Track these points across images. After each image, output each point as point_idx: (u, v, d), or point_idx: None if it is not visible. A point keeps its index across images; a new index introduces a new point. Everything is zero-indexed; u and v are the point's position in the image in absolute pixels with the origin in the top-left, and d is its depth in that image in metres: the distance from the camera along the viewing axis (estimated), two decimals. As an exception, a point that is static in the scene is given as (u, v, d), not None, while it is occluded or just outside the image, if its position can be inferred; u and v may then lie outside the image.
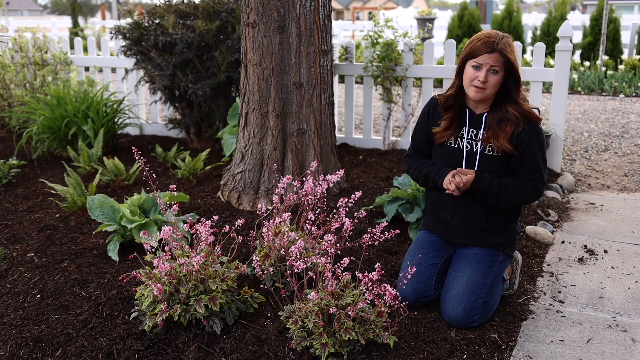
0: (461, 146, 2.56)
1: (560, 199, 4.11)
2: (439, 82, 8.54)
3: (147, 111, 6.09)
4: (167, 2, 4.84)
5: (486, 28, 13.56)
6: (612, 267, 3.09)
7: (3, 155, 5.02)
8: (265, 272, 2.64)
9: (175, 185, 2.62)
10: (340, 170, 2.91)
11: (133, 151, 2.73)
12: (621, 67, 9.38)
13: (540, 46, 4.53)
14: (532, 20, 15.00)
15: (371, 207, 3.61)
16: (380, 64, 4.84)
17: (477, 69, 2.41)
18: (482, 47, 2.39)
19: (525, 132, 2.46)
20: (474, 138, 2.54)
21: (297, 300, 2.33)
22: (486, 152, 2.52)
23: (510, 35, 2.45)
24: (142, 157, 2.71)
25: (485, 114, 2.52)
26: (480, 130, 2.53)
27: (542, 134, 2.51)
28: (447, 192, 2.50)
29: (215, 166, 4.51)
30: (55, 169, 4.67)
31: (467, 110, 2.56)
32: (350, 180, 4.26)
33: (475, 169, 2.52)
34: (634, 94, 8.50)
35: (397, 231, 2.61)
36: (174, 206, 2.54)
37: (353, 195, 2.72)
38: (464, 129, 2.56)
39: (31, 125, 4.86)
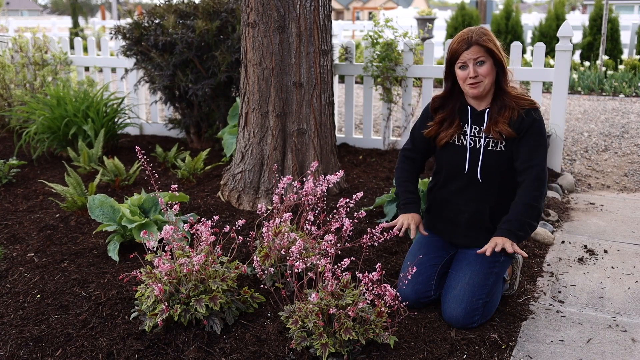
0: (464, 143, 2.57)
1: (560, 199, 4.11)
2: (439, 82, 8.53)
3: (147, 111, 6.09)
4: (167, 2, 4.84)
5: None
6: (612, 267, 3.09)
7: (3, 155, 5.02)
8: (266, 272, 2.64)
9: (176, 185, 2.62)
10: (340, 170, 2.91)
11: (136, 150, 2.73)
12: (621, 67, 9.38)
13: (540, 46, 4.53)
14: (532, 20, 15.01)
15: (371, 207, 3.61)
16: (380, 64, 4.84)
17: (465, 68, 2.46)
18: (459, 46, 2.45)
19: (525, 122, 2.48)
20: (477, 135, 2.55)
21: (297, 300, 2.33)
22: (489, 148, 2.52)
23: (487, 29, 2.51)
24: (144, 157, 2.72)
25: (488, 110, 2.54)
26: (483, 127, 2.54)
27: (542, 122, 2.51)
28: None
29: (215, 166, 4.51)
30: (55, 169, 4.67)
31: (469, 107, 2.57)
32: (350, 180, 4.26)
33: (479, 165, 2.53)
34: (634, 94, 8.50)
35: (397, 232, 2.61)
36: (175, 206, 2.55)
37: (354, 196, 2.72)
38: (466, 126, 2.57)
39: (31, 125, 4.86)
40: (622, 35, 10.99)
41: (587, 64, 9.84)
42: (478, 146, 2.55)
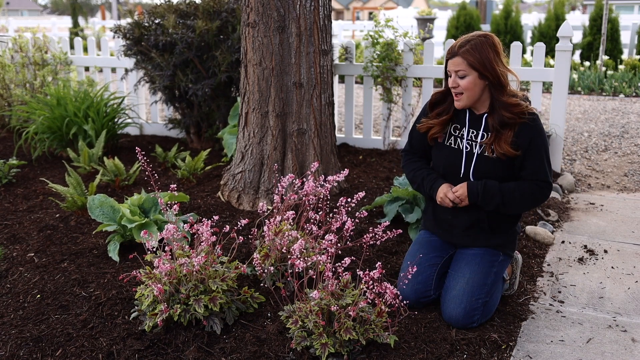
0: (461, 147, 2.55)
1: (560, 199, 4.11)
2: (438, 82, 8.54)
3: (147, 111, 6.09)
4: (167, 2, 4.84)
5: (485, 28, 13.57)
6: (612, 267, 3.09)
7: (3, 155, 5.02)
8: (266, 270, 2.64)
9: (175, 185, 2.62)
10: (345, 170, 2.90)
11: (136, 151, 2.73)
12: (621, 67, 9.38)
13: (540, 46, 4.53)
14: (531, 20, 15.00)
15: (371, 206, 3.61)
16: (380, 64, 4.84)
17: (450, 77, 2.45)
18: (447, 54, 2.43)
19: (525, 134, 2.43)
20: (473, 139, 2.53)
21: (297, 300, 2.33)
22: (485, 154, 2.50)
23: (490, 34, 2.41)
24: (144, 158, 2.71)
25: (485, 115, 2.51)
26: (480, 131, 2.51)
27: (543, 132, 2.49)
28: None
29: (215, 166, 4.51)
30: (55, 169, 4.67)
31: (468, 110, 2.55)
32: (350, 180, 4.27)
33: (475, 171, 2.51)
34: (634, 94, 8.50)
35: (400, 231, 2.61)
36: (175, 206, 2.55)
37: (356, 195, 2.72)
38: (464, 129, 2.55)
39: (31, 125, 4.86)
40: (622, 35, 10.99)
41: (587, 64, 9.84)
42: (474, 151, 2.53)
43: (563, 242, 3.42)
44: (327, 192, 2.83)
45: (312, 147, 3.81)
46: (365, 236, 2.59)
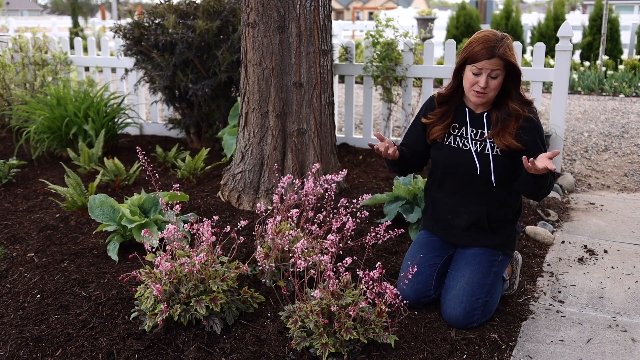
0: (460, 146, 2.56)
1: (560, 199, 4.11)
2: (439, 82, 8.54)
3: (147, 111, 6.09)
4: (167, 2, 4.84)
5: (485, 28, 13.57)
6: (612, 267, 3.09)
7: (3, 155, 5.02)
8: (267, 267, 2.64)
9: (177, 185, 2.62)
10: (344, 170, 2.90)
11: (137, 151, 2.73)
12: (621, 67, 9.38)
13: (540, 46, 4.53)
14: (531, 20, 15.00)
15: (370, 201, 3.57)
16: (380, 64, 4.84)
17: (477, 75, 2.40)
18: (481, 52, 2.36)
19: (527, 132, 2.45)
20: (473, 137, 2.54)
21: (298, 300, 2.33)
22: (485, 152, 2.51)
23: (508, 35, 2.44)
24: (144, 157, 2.72)
25: (486, 114, 2.51)
26: (481, 130, 2.52)
27: (541, 128, 2.50)
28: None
29: (215, 166, 4.51)
30: (55, 169, 4.67)
31: (467, 109, 2.55)
32: (350, 180, 4.27)
33: (475, 168, 2.52)
34: (634, 94, 8.50)
35: (402, 230, 2.61)
36: (177, 206, 2.55)
37: (360, 198, 2.72)
38: (464, 128, 2.56)
39: (31, 125, 4.86)
40: (622, 35, 10.99)
41: (587, 64, 9.83)
42: (474, 149, 2.53)
43: (563, 242, 3.42)
44: (332, 193, 2.82)
45: (312, 147, 3.81)
46: (366, 236, 2.58)
